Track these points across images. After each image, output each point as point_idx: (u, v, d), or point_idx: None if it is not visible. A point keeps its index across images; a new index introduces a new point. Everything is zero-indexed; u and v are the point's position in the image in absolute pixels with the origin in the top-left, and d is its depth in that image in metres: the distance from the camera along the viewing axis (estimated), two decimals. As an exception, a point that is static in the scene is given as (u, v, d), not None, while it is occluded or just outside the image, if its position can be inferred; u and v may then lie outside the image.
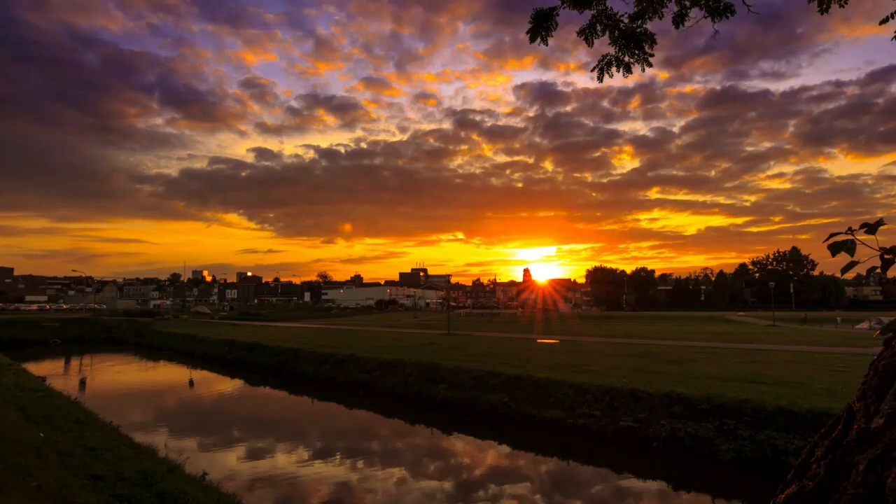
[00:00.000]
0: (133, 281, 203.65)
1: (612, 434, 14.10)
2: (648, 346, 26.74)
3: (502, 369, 18.94)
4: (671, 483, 11.83)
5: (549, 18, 4.00)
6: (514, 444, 14.75)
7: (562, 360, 20.95)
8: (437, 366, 20.65)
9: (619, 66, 4.25)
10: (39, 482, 6.54)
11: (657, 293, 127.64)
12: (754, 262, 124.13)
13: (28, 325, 50.47)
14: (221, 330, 44.04)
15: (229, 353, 33.13)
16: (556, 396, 16.19)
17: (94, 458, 8.99)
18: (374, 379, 22.06)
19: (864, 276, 1.90)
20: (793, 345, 26.68)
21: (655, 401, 14.27)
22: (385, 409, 19.41)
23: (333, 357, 25.35)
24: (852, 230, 1.52)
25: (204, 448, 14.71)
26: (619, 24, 4.08)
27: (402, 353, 24.41)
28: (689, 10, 4.03)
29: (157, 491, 7.66)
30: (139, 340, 46.68)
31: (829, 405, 12.02)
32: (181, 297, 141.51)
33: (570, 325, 50.91)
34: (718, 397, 13.49)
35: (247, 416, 19.24)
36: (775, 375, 16.28)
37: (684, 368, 18.43)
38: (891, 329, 1.36)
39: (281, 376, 26.44)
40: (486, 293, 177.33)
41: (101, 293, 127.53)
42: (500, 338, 33.39)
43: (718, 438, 12.51)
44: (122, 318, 58.35)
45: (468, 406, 17.87)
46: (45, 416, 12.08)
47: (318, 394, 22.44)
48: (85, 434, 10.82)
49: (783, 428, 11.95)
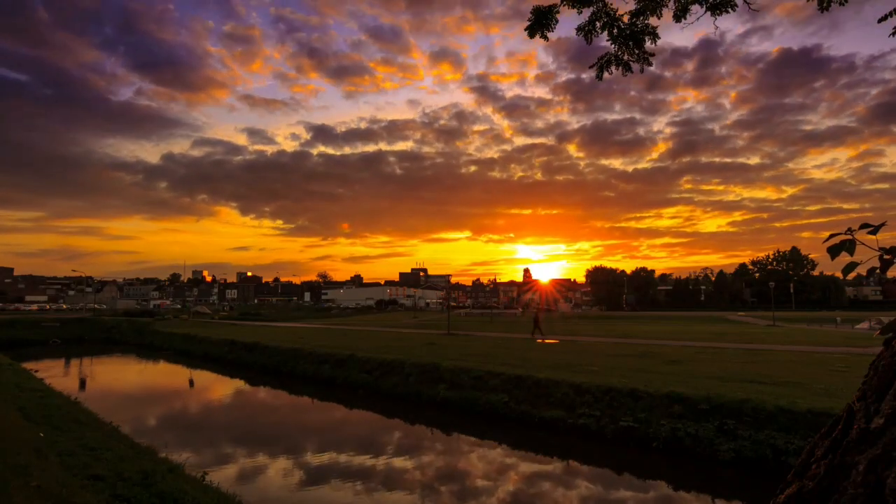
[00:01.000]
0: (133, 281, 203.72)
1: (612, 434, 14.09)
2: (648, 346, 26.73)
3: (502, 369, 18.93)
4: (671, 483, 11.83)
5: (548, 16, 4.00)
6: (514, 444, 14.74)
7: (562, 360, 20.94)
8: (437, 366, 20.64)
9: (619, 65, 4.25)
10: (39, 482, 6.53)
11: (657, 293, 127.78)
12: (754, 262, 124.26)
13: (28, 325, 50.45)
14: (221, 330, 44.03)
15: (229, 353, 33.13)
16: (556, 396, 16.18)
17: (94, 457, 8.98)
18: (374, 379, 22.06)
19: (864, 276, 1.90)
20: (793, 345, 26.68)
21: (655, 401, 14.26)
22: (385, 408, 19.41)
23: (333, 357, 25.34)
24: (852, 230, 1.52)
25: (204, 448, 14.70)
26: (618, 21, 4.08)
27: (402, 353, 24.40)
28: (689, 6, 4.02)
29: (157, 491, 7.65)
30: (139, 340, 46.67)
31: (829, 405, 12.01)
32: (181, 297, 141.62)
33: (570, 325, 50.91)
34: (718, 397, 13.48)
35: (247, 416, 19.24)
36: (775, 375, 16.27)
37: (684, 368, 18.42)
38: (891, 329, 1.35)
39: (281, 376, 26.44)
40: (487, 293, 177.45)
41: (101, 293, 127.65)
42: (500, 338, 33.38)
43: (718, 438, 12.50)
44: (122, 318, 58.32)
45: (468, 406, 17.86)
46: (45, 416, 12.07)
47: (318, 394, 22.44)
48: (85, 434, 10.81)
49: (783, 428, 11.95)
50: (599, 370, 18.30)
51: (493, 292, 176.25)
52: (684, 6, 4.05)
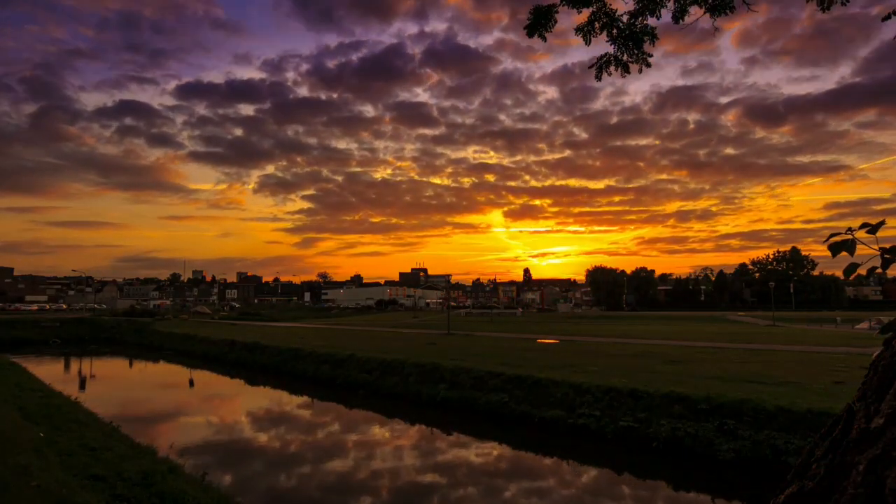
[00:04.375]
0: (133, 281, 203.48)
1: (613, 434, 14.08)
2: (648, 346, 26.73)
3: (502, 369, 18.93)
4: (671, 483, 11.83)
5: (548, 16, 4.00)
6: (514, 444, 14.74)
7: (562, 360, 20.94)
8: (437, 366, 20.64)
9: (618, 66, 4.25)
10: (40, 482, 6.54)
11: (657, 293, 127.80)
12: (754, 262, 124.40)
13: (28, 325, 50.39)
14: (221, 330, 44.00)
15: (229, 353, 33.10)
16: (556, 396, 16.18)
17: (94, 457, 8.99)
18: (375, 379, 22.04)
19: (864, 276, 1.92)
20: (793, 345, 26.69)
21: (655, 401, 14.26)
22: (385, 409, 19.40)
23: (333, 357, 25.33)
24: (852, 230, 1.52)
25: (204, 447, 14.70)
26: (617, 22, 4.08)
27: (403, 353, 24.39)
28: (688, 7, 4.03)
29: (157, 491, 7.66)
30: (139, 340, 46.65)
31: (829, 405, 12.01)
32: (181, 297, 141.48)
33: (570, 325, 50.90)
34: (718, 397, 13.48)
35: (246, 416, 19.23)
36: (775, 375, 16.27)
37: (684, 368, 18.42)
38: (891, 329, 1.35)
39: (281, 376, 26.42)
40: (487, 293, 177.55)
41: (101, 293, 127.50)
42: (500, 338, 33.38)
43: (718, 438, 12.50)
44: (122, 318, 58.24)
45: (468, 406, 17.85)
46: (46, 416, 12.08)
47: (319, 394, 22.43)
48: (85, 434, 10.81)
49: (783, 428, 11.95)
50: (599, 370, 18.30)
51: (493, 292, 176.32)
52: (683, 7, 4.05)
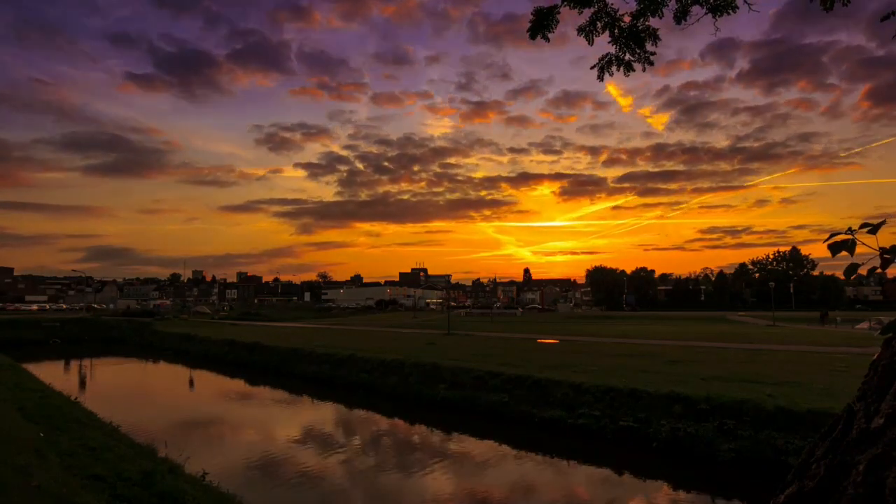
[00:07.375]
0: (133, 281, 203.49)
1: (613, 434, 14.08)
2: (648, 346, 26.73)
3: (502, 369, 18.93)
4: (671, 483, 11.82)
5: (549, 17, 4.00)
6: (514, 444, 14.74)
7: (562, 360, 20.94)
8: (437, 366, 20.64)
9: (620, 65, 4.25)
10: (40, 482, 6.53)
11: (657, 293, 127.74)
12: (754, 262, 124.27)
13: (28, 325, 50.37)
14: (222, 330, 44.00)
15: (229, 353, 33.11)
16: (556, 396, 16.18)
17: (95, 457, 8.98)
18: (375, 379, 22.04)
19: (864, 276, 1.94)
20: (793, 345, 26.67)
21: (655, 401, 14.26)
22: (385, 409, 19.40)
23: (333, 357, 25.33)
24: (852, 230, 1.52)
25: (204, 447, 14.69)
26: (619, 22, 4.07)
27: (403, 353, 24.39)
28: (690, 7, 4.02)
29: (157, 491, 7.65)
30: (139, 340, 46.66)
31: (829, 405, 12.00)
32: (181, 297, 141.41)
33: (570, 325, 50.88)
34: (718, 397, 13.48)
35: (246, 416, 19.23)
36: (775, 375, 16.26)
37: (684, 368, 18.41)
38: (891, 329, 1.35)
39: (281, 376, 26.41)
40: (487, 293, 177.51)
41: (102, 293, 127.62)
42: (500, 338, 33.37)
43: (718, 438, 12.49)
44: (122, 318, 58.25)
45: (468, 406, 17.85)
46: (46, 416, 12.06)
47: (319, 394, 22.42)
48: (85, 434, 10.80)
49: (783, 428, 11.94)
50: (599, 370, 18.29)
51: (492, 292, 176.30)
52: (685, 7, 4.04)
